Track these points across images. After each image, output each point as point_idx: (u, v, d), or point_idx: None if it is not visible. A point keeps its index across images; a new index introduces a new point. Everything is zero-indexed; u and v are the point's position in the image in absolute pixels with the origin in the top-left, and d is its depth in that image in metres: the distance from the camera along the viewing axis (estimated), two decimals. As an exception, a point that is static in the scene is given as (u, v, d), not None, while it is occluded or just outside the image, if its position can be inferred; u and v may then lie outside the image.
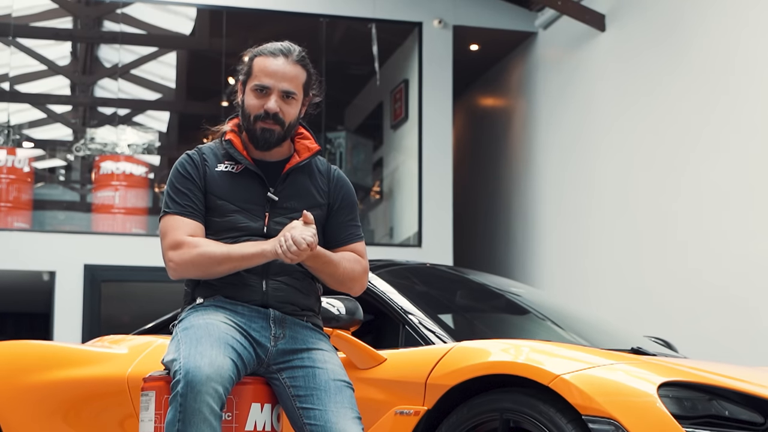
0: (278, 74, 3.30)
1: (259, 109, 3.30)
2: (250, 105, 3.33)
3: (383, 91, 11.32)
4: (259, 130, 3.31)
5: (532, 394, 3.44)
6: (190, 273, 3.27)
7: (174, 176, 3.35)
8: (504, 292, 5.13)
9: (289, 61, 3.33)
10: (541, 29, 10.35)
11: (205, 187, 3.33)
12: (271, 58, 3.32)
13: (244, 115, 3.35)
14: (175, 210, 3.30)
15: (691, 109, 7.77)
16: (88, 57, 12.14)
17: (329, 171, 3.46)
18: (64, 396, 4.62)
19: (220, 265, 3.21)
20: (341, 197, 3.44)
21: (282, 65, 3.31)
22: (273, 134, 3.32)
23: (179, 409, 2.95)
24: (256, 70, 3.33)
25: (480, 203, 11.57)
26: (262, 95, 3.31)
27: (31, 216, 10.56)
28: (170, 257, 3.26)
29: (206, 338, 3.08)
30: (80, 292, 9.68)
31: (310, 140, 3.45)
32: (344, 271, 3.32)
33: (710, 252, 7.44)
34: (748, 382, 3.54)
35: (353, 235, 3.42)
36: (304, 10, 10.46)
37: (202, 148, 3.43)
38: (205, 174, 3.34)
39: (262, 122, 3.30)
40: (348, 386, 3.22)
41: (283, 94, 3.31)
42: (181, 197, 3.31)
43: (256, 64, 3.33)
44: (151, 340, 4.68)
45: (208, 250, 3.22)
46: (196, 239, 3.25)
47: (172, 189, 3.33)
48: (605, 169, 8.92)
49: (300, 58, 3.35)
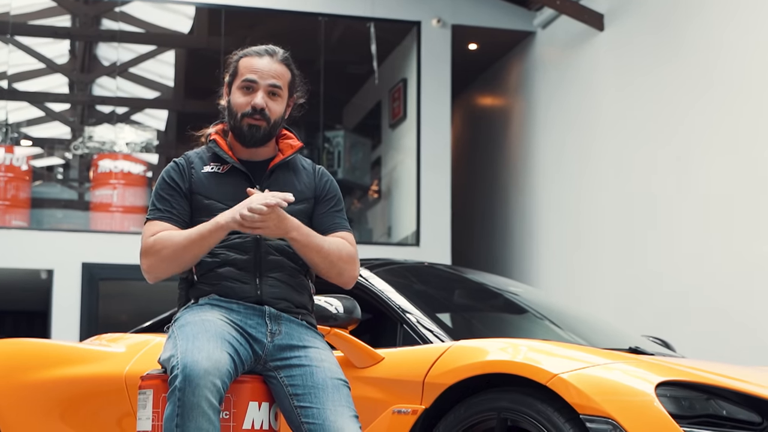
0: (264, 71, 3.38)
1: (246, 107, 3.36)
2: (237, 103, 3.39)
3: (382, 90, 11.32)
4: (245, 126, 3.37)
5: (529, 393, 3.44)
6: (161, 271, 3.30)
7: (158, 184, 3.42)
8: (502, 292, 5.13)
9: (274, 60, 3.42)
10: (539, 29, 10.35)
11: (191, 190, 3.37)
12: (256, 58, 3.41)
13: (231, 113, 3.41)
14: (154, 216, 3.35)
15: (690, 109, 7.77)
16: (87, 55, 12.13)
17: (314, 168, 3.53)
18: (61, 394, 4.61)
19: (186, 252, 3.23)
20: (326, 190, 3.48)
21: (267, 63, 3.40)
22: (259, 130, 3.37)
23: (177, 403, 2.95)
24: (241, 69, 3.41)
25: (478, 202, 11.57)
26: (248, 93, 3.38)
27: (29, 214, 10.56)
28: (141, 263, 3.34)
29: (203, 334, 3.09)
30: (78, 290, 9.68)
31: (292, 139, 3.52)
32: (330, 249, 3.32)
33: (709, 252, 7.44)
34: (746, 381, 3.54)
35: (340, 225, 3.44)
36: (302, 9, 10.46)
37: (189, 154, 3.49)
38: (192, 177, 3.39)
39: (249, 118, 3.36)
40: (345, 385, 3.23)
41: (269, 90, 3.37)
42: (162, 203, 3.37)
43: (242, 64, 3.42)
44: (148, 338, 4.68)
45: (170, 242, 3.25)
46: (159, 237, 3.28)
47: (155, 196, 3.40)
48: (603, 167, 8.93)
49: (284, 59, 3.44)
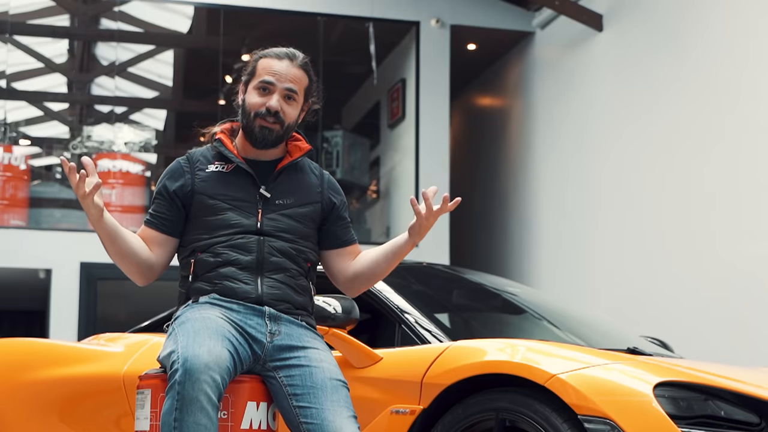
0: (282, 73, 3.35)
1: (261, 107, 3.33)
2: (251, 103, 3.36)
3: (380, 90, 11.32)
4: (257, 127, 3.34)
5: (528, 393, 3.44)
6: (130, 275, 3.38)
7: (159, 183, 3.43)
8: (500, 292, 5.13)
9: (294, 64, 3.39)
10: (538, 29, 10.35)
11: (193, 189, 3.36)
12: (275, 60, 3.38)
13: (245, 112, 3.38)
14: (144, 220, 3.41)
15: (689, 109, 7.77)
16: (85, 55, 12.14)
17: (321, 173, 3.52)
18: (60, 394, 4.61)
19: (109, 256, 3.31)
20: (339, 199, 3.49)
21: (287, 66, 3.37)
22: (272, 133, 3.35)
23: (177, 397, 2.95)
24: (260, 69, 3.38)
25: (477, 202, 11.57)
26: (264, 93, 3.35)
27: (28, 214, 10.56)
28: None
29: (204, 330, 3.10)
30: (76, 290, 9.68)
31: (301, 141, 3.51)
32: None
33: (708, 252, 7.45)
34: (744, 382, 3.54)
35: (354, 238, 3.52)
36: (301, 9, 10.45)
37: (192, 152, 3.47)
38: (195, 176, 3.37)
39: (261, 119, 3.33)
40: (343, 385, 3.22)
41: (285, 93, 3.35)
42: (154, 206, 3.40)
43: (261, 64, 3.39)
44: (146, 338, 4.68)
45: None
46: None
47: (154, 196, 3.44)
48: (602, 168, 8.93)
49: (304, 64, 3.42)
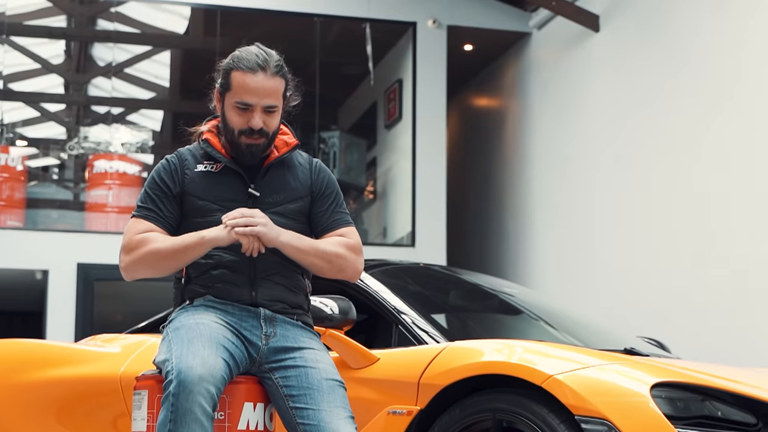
0: (259, 91, 3.27)
1: (244, 125, 3.29)
2: (233, 121, 3.31)
3: (377, 91, 11.31)
4: (244, 145, 3.31)
5: (524, 394, 3.44)
6: (139, 272, 3.29)
7: (149, 182, 3.38)
8: (497, 292, 5.13)
9: (268, 74, 3.28)
10: (535, 30, 10.35)
11: (183, 191, 3.33)
12: (249, 75, 3.27)
13: (228, 129, 3.33)
14: (140, 214, 3.33)
15: (685, 109, 7.77)
16: (82, 55, 12.13)
17: (311, 162, 3.47)
18: (56, 395, 4.60)
19: (167, 260, 3.22)
20: (324, 185, 3.43)
21: (262, 81, 3.27)
22: (259, 148, 3.32)
23: (171, 409, 2.95)
24: (235, 86, 3.29)
25: (473, 203, 11.57)
26: (244, 112, 3.29)
27: (24, 214, 10.55)
28: (120, 259, 3.31)
29: (198, 338, 3.08)
30: (73, 290, 9.66)
31: (288, 135, 3.46)
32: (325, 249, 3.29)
33: (705, 252, 7.44)
34: (741, 382, 3.54)
35: (340, 221, 3.41)
36: (298, 10, 10.45)
37: (181, 151, 3.43)
38: (184, 176, 3.35)
39: (247, 137, 3.30)
40: (340, 386, 3.22)
41: (265, 109, 3.29)
42: (150, 202, 3.34)
43: (235, 79, 3.29)
44: (143, 339, 4.67)
45: (153, 247, 3.24)
46: (144, 237, 3.26)
47: (144, 194, 3.37)
48: (598, 169, 8.93)
49: (277, 69, 3.31)
